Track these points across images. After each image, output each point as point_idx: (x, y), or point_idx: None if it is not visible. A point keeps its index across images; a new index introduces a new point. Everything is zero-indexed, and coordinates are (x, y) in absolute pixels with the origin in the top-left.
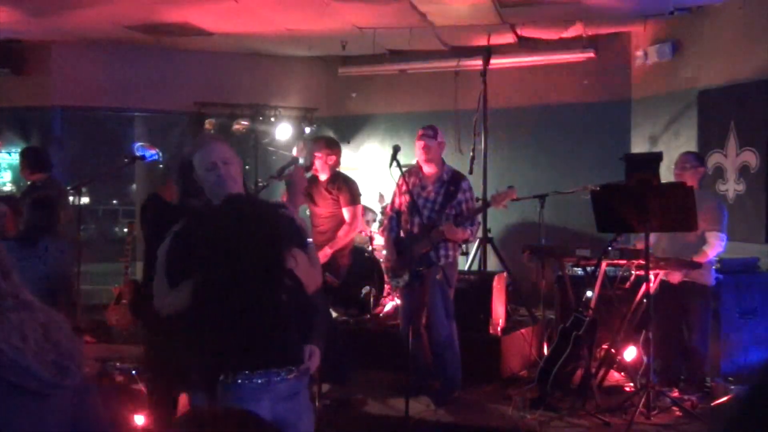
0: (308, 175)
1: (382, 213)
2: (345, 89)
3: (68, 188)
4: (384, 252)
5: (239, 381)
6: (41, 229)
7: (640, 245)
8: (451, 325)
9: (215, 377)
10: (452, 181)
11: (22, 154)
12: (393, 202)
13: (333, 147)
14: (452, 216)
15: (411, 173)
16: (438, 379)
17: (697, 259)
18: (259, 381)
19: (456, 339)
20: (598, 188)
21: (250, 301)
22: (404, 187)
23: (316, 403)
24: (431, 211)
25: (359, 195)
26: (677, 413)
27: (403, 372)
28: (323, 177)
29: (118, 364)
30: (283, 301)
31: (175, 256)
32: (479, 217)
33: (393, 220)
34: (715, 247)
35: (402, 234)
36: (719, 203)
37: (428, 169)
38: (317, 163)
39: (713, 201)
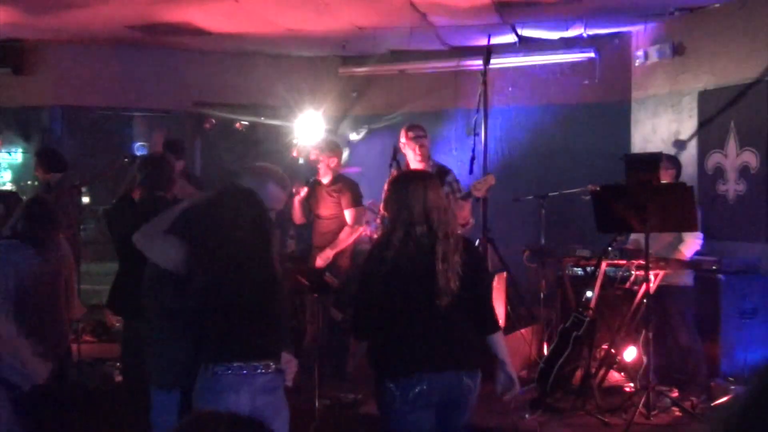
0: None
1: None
2: (345, 89)
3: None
4: None
5: (218, 372)
6: (37, 228)
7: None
8: None
9: (191, 371)
10: (437, 176)
11: (38, 154)
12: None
13: (333, 149)
14: None
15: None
16: None
17: (674, 258)
18: (241, 372)
19: None
20: (598, 188)
21: (232, 292)
22: None
23: (316, 403)
24: None
25: (361, 197)
26: (677, 413)
27: None
28: (325, 180)
29: (118, 364)
30: (262, 293)
31: (183, 221)
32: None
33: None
34: (691, 246)
35: None
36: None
37: (416, 167)
38: (320, 167)
39: None
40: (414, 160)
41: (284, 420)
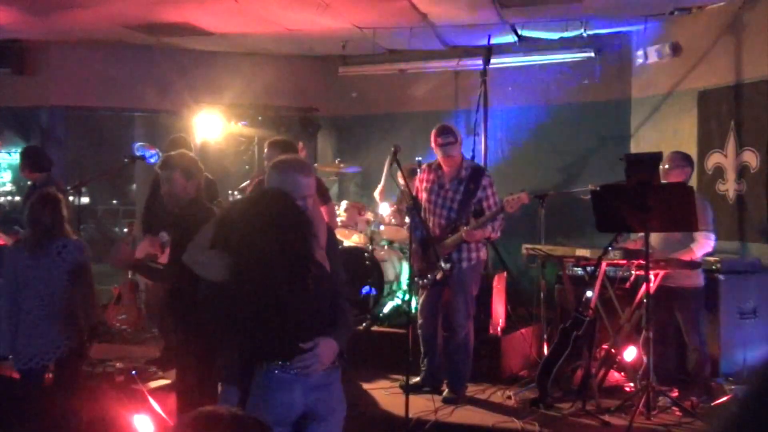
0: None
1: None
2: (345, 89)
3: (68, 188)
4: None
5: (274, 371)
6: (49, 228)
7: (632, 245)
8: (468, 326)
9: (249, 369)
10: (471, 179)
11: (23, 154)
12: (414, 198)
13: (287, 149)
14: (471, 212)
15: (431, 169)
16: (446, 378)
17: (682, 256)
18: (293, 372)
19: (471, 341)
20: (598, 188)
21: (281, 291)
22: (425, 185)
23: None
24: (450, 211)
25: (327, 190)
26: (677, 413)
27: (403, 372)
28: None
29: (118, 364)
30: (312, 291)
31: (221, 229)
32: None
33: (415, 218)
34: (703, 246)
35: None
36: (704, 203)
37: (448, 167)
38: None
39: (699, 200)
40: (444, 164)
41: (338, 420)
